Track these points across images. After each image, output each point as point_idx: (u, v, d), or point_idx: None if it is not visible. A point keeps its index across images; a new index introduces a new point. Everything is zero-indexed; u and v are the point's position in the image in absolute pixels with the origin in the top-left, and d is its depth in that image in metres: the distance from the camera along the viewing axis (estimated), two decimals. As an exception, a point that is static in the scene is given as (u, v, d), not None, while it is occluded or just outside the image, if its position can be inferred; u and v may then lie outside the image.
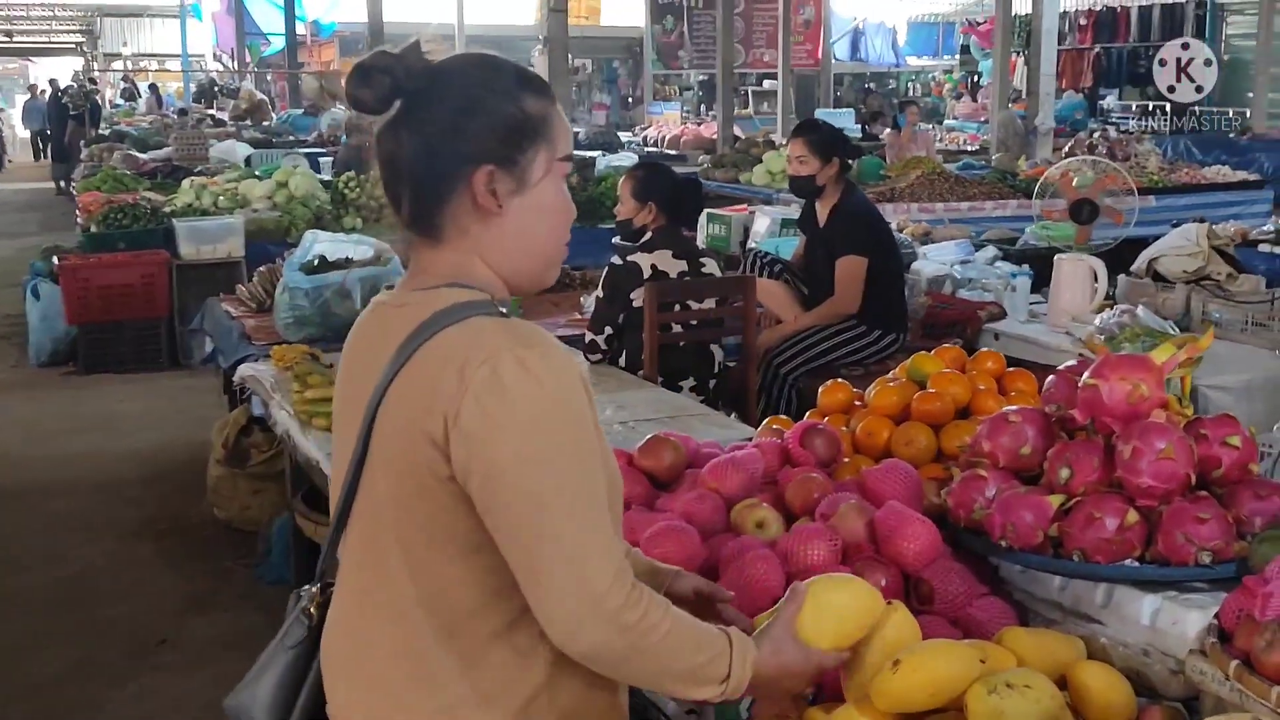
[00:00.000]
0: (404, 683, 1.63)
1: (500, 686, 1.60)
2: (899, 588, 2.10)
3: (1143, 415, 2.07)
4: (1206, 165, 12.21)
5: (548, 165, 1.65)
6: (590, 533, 1.51)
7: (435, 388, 1.52)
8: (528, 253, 1.68)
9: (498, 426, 1.49)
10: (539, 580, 1.50)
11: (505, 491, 1.50)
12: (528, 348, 1.53)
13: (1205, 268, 5.44)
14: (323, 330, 5.13)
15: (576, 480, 1.51)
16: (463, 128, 1.61)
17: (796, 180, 5.24)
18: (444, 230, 1.64)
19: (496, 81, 1.63)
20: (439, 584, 1.60)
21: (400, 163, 1.63)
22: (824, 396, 2.82)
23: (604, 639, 1.50)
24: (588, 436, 1.55)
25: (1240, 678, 1.68)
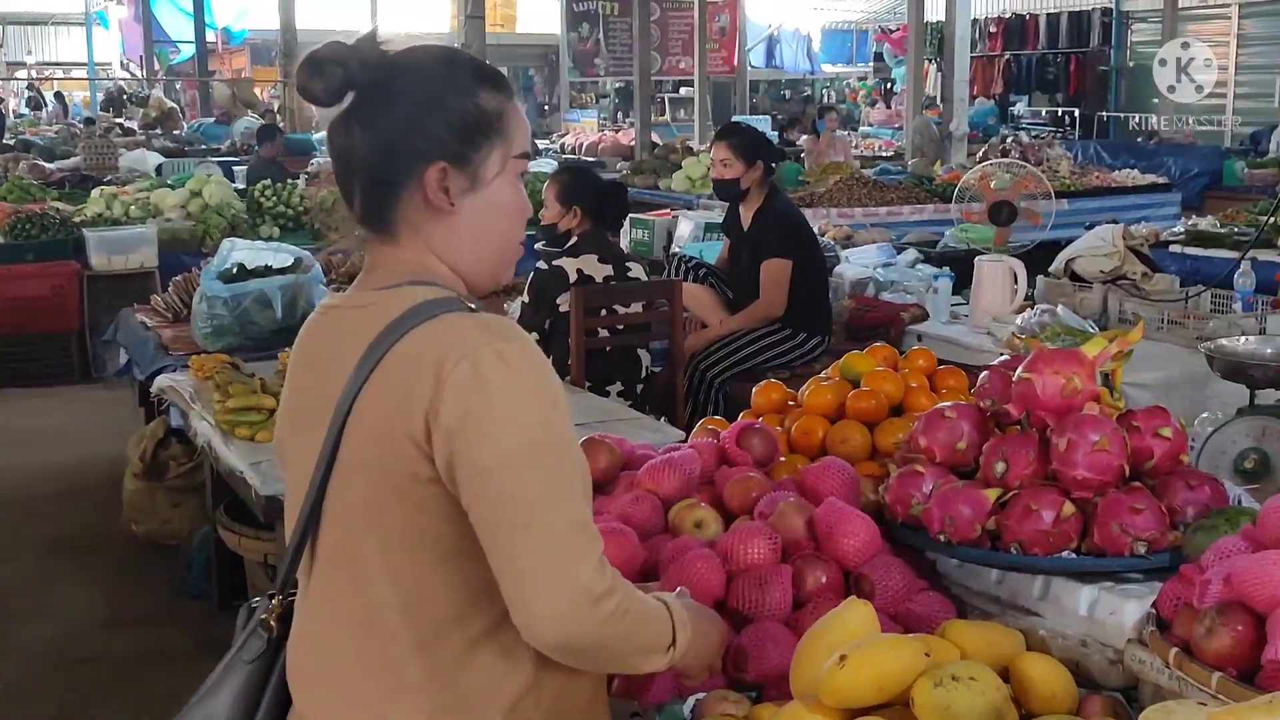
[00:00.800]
0: (382, 694, 1.59)
1: (486, 692, 1.57)
2: (839, 584, 2.10)
3: (1076, 408, 2.09)
4: (1116, 169, 12.47)
5: (502, 163, 1.62)
6: (575, 524, 1.50)
7: (412, 387, 1.50)
8: (482, 251, 1.65)
9: (480, 422, 1.47)
10: (525, 576, 1.47)
11: (491, 488, 1.47)
12: (506, 341, 1.51)
13: (1121, 268, 5.53)
14: (242, 339, 5.04)
15: (560, 473, 1.50)
16: (416, 123, 1.58)
17: (720, 184, 5.26)
18: (397, 227, 1.62)
19: (453, 76, 1.61)
20: (419, 591, 1.57)
21: (352, 157, 1.61)
22: (758, 396, 2.82)
23: (589, 630, 1.49)
24: (568, 428, 1.54)
25: (1181, 665, 1.70)
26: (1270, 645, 1.59)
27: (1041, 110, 21.84)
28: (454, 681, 1.57)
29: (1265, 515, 1.79)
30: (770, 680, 1.93)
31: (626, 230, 6.89)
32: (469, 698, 1.57)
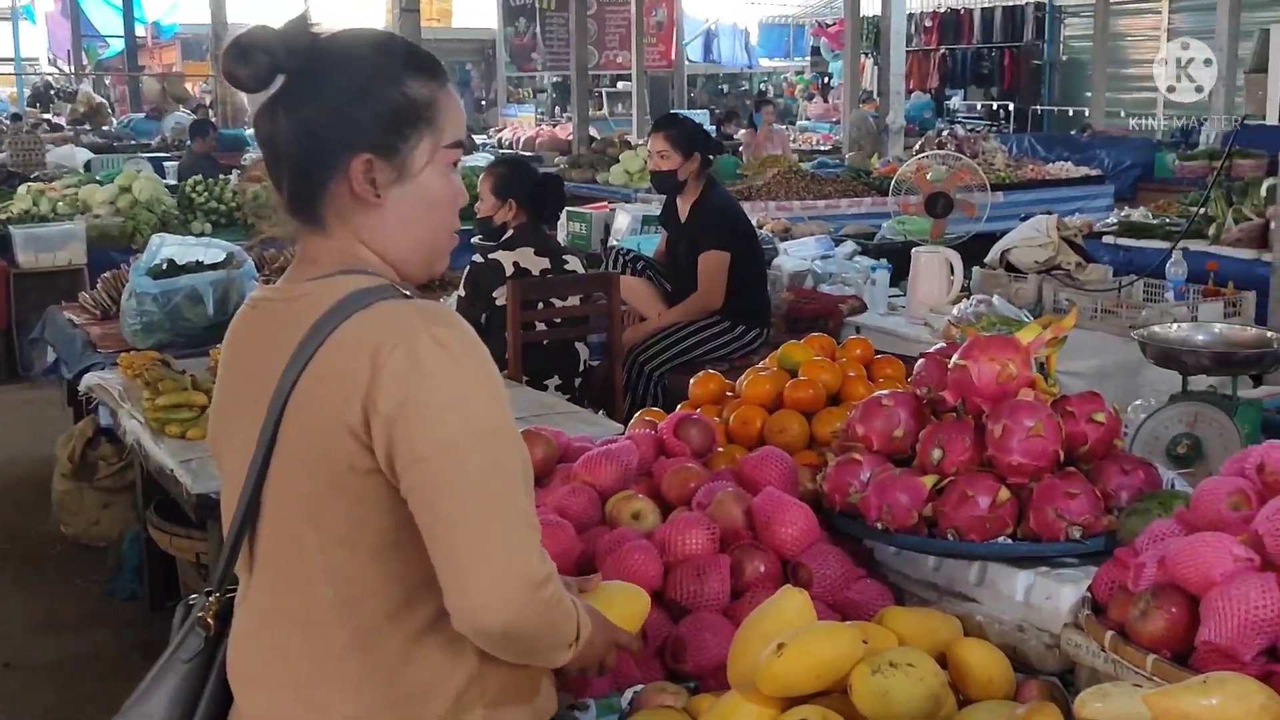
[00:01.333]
0: (324, 691, 1.57)
1: (430, 684, 1.56)
2: (777, 573, 2.09)
3: (1011, 394, 2.10)
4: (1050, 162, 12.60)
5: (432, 153, 1.58)
6: (516, 511, 1.48)
7: (349, 377, 1.47)
8: (412, 241, 1.62)
9: (419, 409, 1.44)
10: (466, 563, 1.45)
11: (430, 476, 1.45)
12: (444, 327, 1.49)
13: (1055, 258, 5.59)
14: (173, 336, 4.95)
15: (500, 460, 1.48)
16: (340, 113, 1.54)
17: (658, 175, 5.24)
18: (325, 217, 1.59)
19: (382, 63, 1.56)
20: (360, 586, 1.55)
21: (277, 146, 1.57)
22: (696, 387, 2.80)
23: (528, 617, 1.47)
24: (507, 415, 1.52)
25: (1116, 648, 1.70)
26: (1204, 627, 1.60)
27: (977, 104, 22.03)
28: (397, 675, 1.55)
29: (1198, 498, 1.80)
30: (708, 671, 1.92)
31: (563, 223, 6.86)
32: (413, 691, 1.56)
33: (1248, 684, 1.36)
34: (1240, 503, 1.75)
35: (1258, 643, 1.57)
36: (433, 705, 1.56)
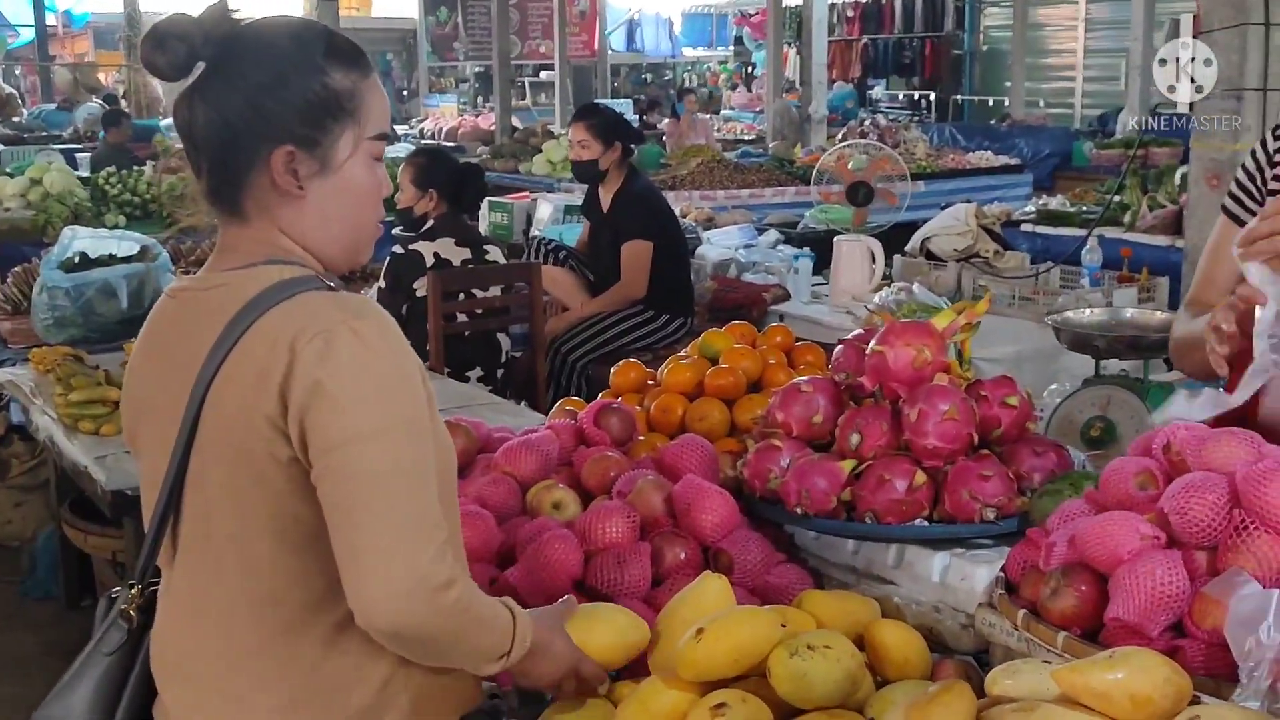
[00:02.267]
0: (247, 683, 1.57)
1: (351, 676, 1.56)
2: (698, 560, 2.09)
3: (926, 379, 2.12)
4: (970, 151, 12.76)
5: (354, 145, 1.57)
6: (418, 509, 1.47)
7: (268, 366, 1.47)
8: (335, 233, 1.61)
9: (331, 398, 1.44)
10: (360, 555, 1.45)
11: (336, 465, 1.45)
12: (361, 318, 1.48)
13: (974, 246, 5.66)
14: (86, 331, 4.86)
15: (408, 455, 1.47)
16: (260, 105, 1.52)
17: (579, 165, 5.23)
18: (246, 208, 1.58)
19: (302, 53, 1.55)
20: (275, 580, 1.55)
21: (195, 136, 1.56)
22: (616, 376, 2.80)
23: (420, 620, 1.46)
24: (421, 411, 1.51)
25: (1028, 626, 1.73)
26: (1112, 604, 1.63)
27: (899, 94, 22.23)
28: (319, 666, 1.56)
29: (1106, 478, 1.83)
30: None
31: (485, 214, 6.82)
32: (335, 683, 1.56)
33: (1152, 658, 1.39)
34: (1147, 482, 1.78)
35: (1164, 618, 1.61)
36: (354, 696, 1.56)
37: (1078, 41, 19.93)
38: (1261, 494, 1.61)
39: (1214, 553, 1.64)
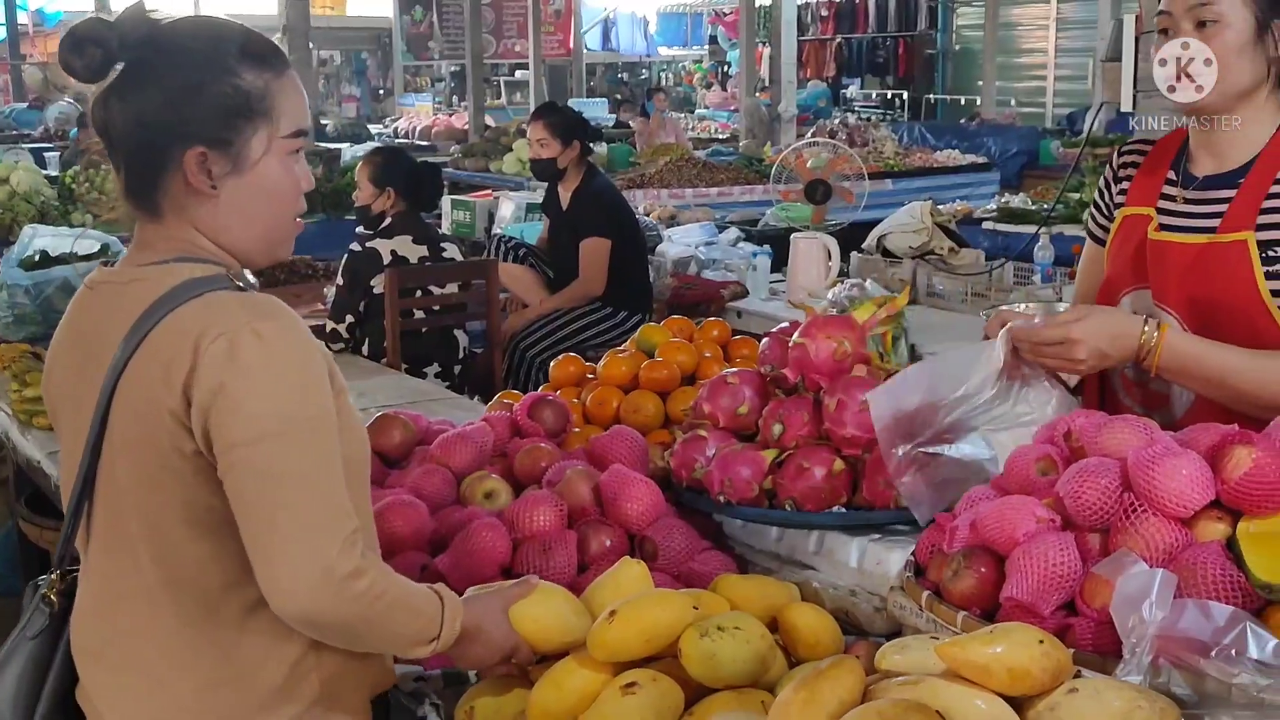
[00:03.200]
0: (161, 664, 1.62)
1: (263, 658, 1.61)
2: (623, 547, 2.15)
3: (846, 370, 2.18)
4: (939, 150, 12.85)
5: (268, 144, 1.61)
6: (323, 502, 1.52)
7: (173, 363, 1.52)
8: (250, 231, 1.65)
9: (232, 398, 1.49)
10: (269, 549, 1.50)
11: (240, 463, 1.50)
12: (265, 319, 1.53)
13: (929, 243, 5.73)
14: (45, 328, 4.87)
15: (310, 451, 1.52)
16: (171, 107, 1.57)
17: (538, 163, 5.29)
18: (161, 206, 1.62)
19: (214, 55, 1.58)
20: (188, 565, 1.59)
21: (112, 135, 1.61)
22: (556, 370, 2.86)
23: (330, 608, 1.51)
24: (323, 409, 1.55)
25: (931, 607, 1.78)
26: (1007, 584, 1.69)
27: (872, 93, 22.34)
28: (232, 649, 1.61)
29: (1009, 465, 1.89)
30: (553, 642, 1.97)
31: (447, 211, 6.87)
32: (246, 664, 1.61)
33: (1030, 633, 1.45)
34: (1048, 468, 1.84)
35: (1056, 598, 1.67)
36: (267, 677, 1.61)
37: (1049, 41, 20.06)
38: (1150, 478, 1.67)
39: (1106, 535, 1.71)
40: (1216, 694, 1.49)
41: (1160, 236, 2.18)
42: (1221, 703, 1.48)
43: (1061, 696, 1.42)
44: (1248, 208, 2.10)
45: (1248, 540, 1.62)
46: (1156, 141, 2.30)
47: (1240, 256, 2.08)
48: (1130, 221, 2.25)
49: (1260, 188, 2.10)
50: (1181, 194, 2.19)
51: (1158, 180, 2.24)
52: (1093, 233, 2.37)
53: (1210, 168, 2.17)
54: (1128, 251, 2.23)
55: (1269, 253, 2.07)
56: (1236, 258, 2.09)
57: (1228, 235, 2.10)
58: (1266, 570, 1.57)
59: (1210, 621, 1.51)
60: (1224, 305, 2.10)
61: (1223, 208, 2.13)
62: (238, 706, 1.62)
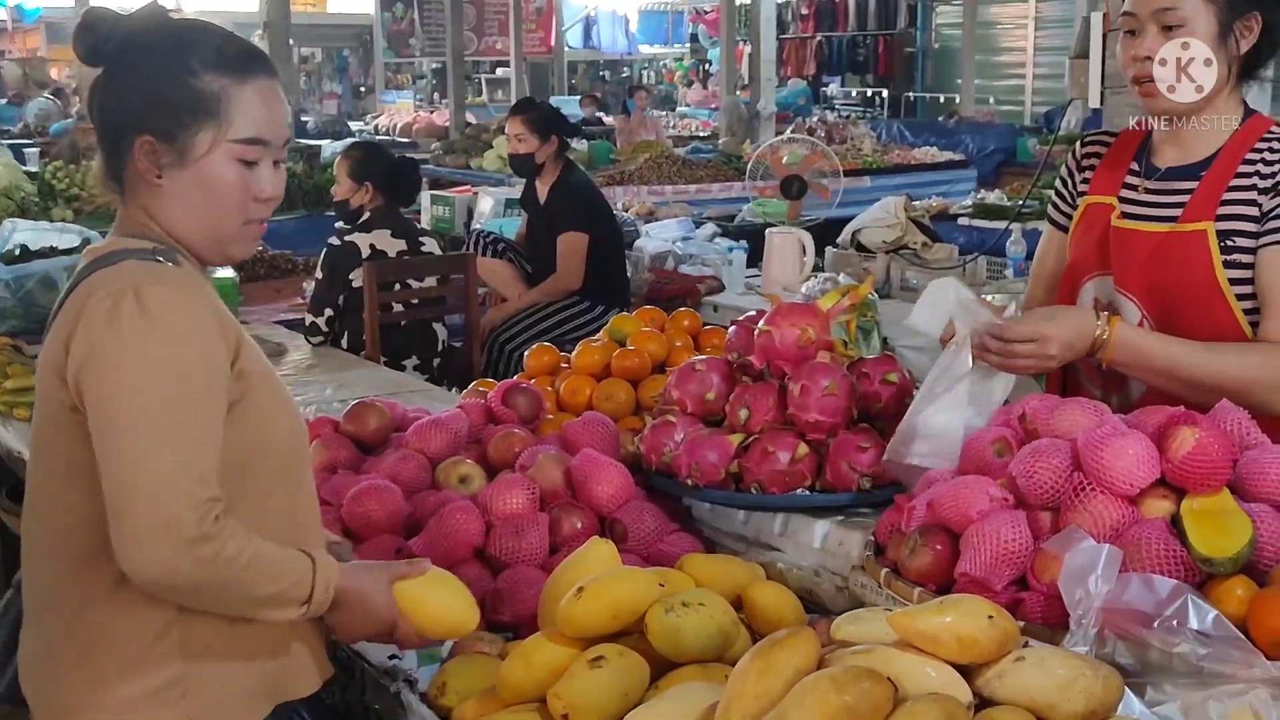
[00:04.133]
0: (51, 624, 1.70)
1: (128, 626, 1.65)
2: (594, 529, 2.20)
3: (810, 357, 2.24)
4: (918, 147, 12.94)
5: (212, 143, 1.68)
6: (180, 467, 1.54)
7: (67, 318, 1.62)
8: (192, 224, 1.72)
9: (102, 356, 1.56)
10: (117, 507, 1.54)
11: (101, 419, 1.56)
12: (153, 284, 1.60)
13: (903, 238, 5.79)
14: (26, 322, 4.88)
15: (169, 413, 1.55)
16: (131, 97, 1.69)
17: (516, 158, 5.34)
18: (125, 189, 1.73)
19: (174, 55, 1.68)
20: (74, 521, 1.65)
21: (94, 120, 1.74)
22: (530, 359, 2.91)
23: (175, 568, 1.54)
24: (195, 374, 1.59)
25: (889, 584, 1.85)
26: (961, 560, 1.75)
27: (853, 91, 22.42)
28: (103, 612, 1.66)
29: (967, 446, 1.96)
30: (524, 620, 2.02)
31: (426, 207, 6.91)
32: (114, 630, 1.65)
33: (978, 604, 1.50)
34: (1003, 449, 1.90)
35: (1008, 573, 1.73)
36: (128, 647, 1.65)
37: (1028, 40, 20.17)
38: (1099, 458, 1.73)
39: (1057, 513, 1.77)
40: (1159, 663, 1.55)
41: (1123, 224, 2.24)
42: (1163, 671, 1.55)
43: (1008, 665, 1.47)
44: (1208, 199, 2.16)
45: (1191, 517, 1.68)
46: (1120, 134, 2.36)
47: (1200, 246, 2.15)
48: (1093, 209, 2.31)
49: (1221, 180, 2.16)
50: (1143, 184, 2.25)
51: (1120, 172, 2.30)
52: (1054, 219, 2.43)
53: (1173, 159, 2.24)
54: (1091, 238, 2.29)
55: (1227, 242, 2.14)
56: (1196, 247, 2.15)
57: (1188, 225, 2.17)
58: (1208, 545, 1.63)
59: (1154, 594, 1.57)
60: (1183, 293, 2.17)
61: (1184, 198, 2.19)
62: (94, 673, 1.66)
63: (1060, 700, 1.45)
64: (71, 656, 1.67)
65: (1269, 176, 2.14)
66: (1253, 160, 2.16)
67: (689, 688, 1.63)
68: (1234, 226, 2.14)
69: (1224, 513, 1.68)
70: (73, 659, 1.67)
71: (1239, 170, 2.16)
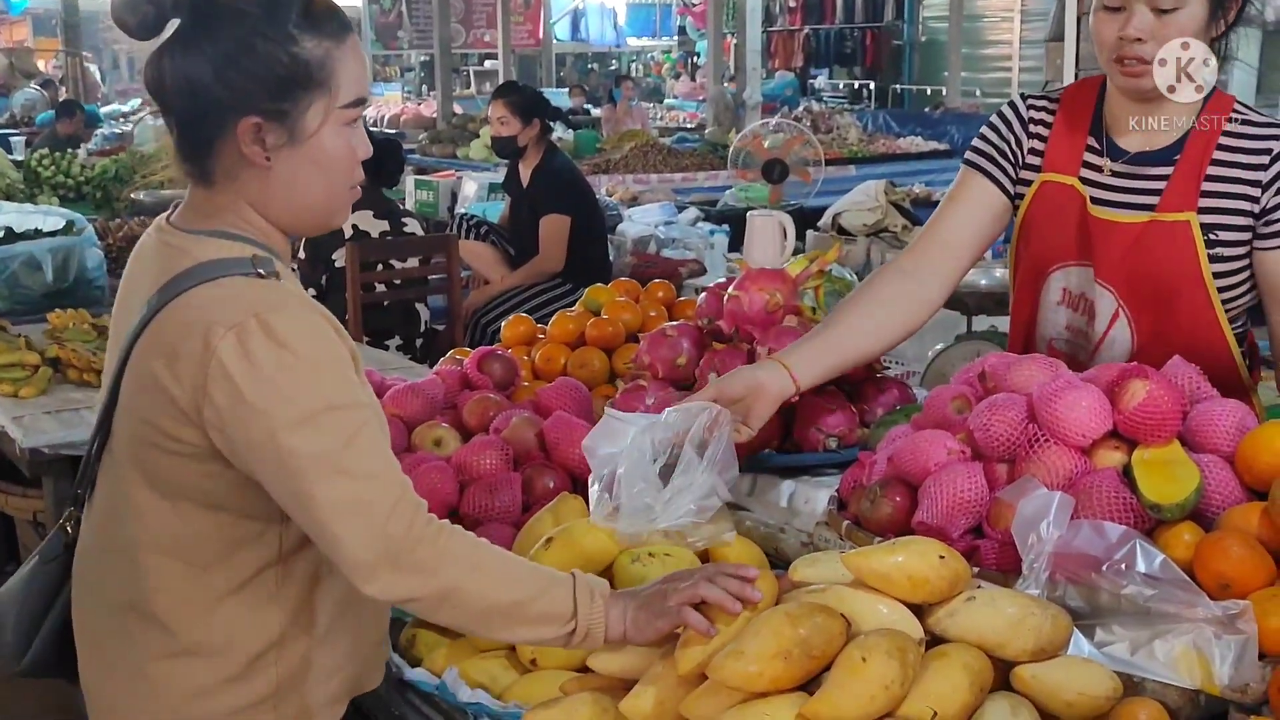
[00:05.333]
0: (136, 624, 1.62)
1: (225, 640, 1.60)
2: (567, 488, 2.23)
3: (777, 321, 2.28)
4: (903, 137, 13.00)
5: (325, 115, 1.54)
6: (361, 478, 1.48)
7: (180, 352, 1.49)
8: (302, 203, 1.60)
9: (250, 399, 1.45)
10: (327, 539, 1.48)
11: (269, 462, 1.47)
12: (273, 311, 1.48)
13: (883, 221, 5.86)
14: (11, 303, 4.92)
15: (338, 435, 1.48)
16: (226, 73, 1.49)
17: (499, 141, 5.39)
18: (213, 174, 1.57)
19: (271, 21, 1.50)
20: (170, 536, 1.58)
21: (166, 97, 1.54)
22: (506, 330, 2.96)
23: (400, 579, 1.49)
24: (346, 388, 1.51)
25: (850, 535, 1.89)
26: (919, 510, 1.80)
27: (840, 83, 22.47)
28: (197, 626, 1.60)
29: (928, 404, 2.01)
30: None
31: (411, 191, 6.95)
32: (207, 643, 1.60)
33: (929, 545, 1.55)
34: (962, 406, 1.94)
35: (964, 522, 1.78)
36: (220, 661, 1.61)
37: (1013, 33, 20.24)
38: (1052, 410, 1.78)
39: (1013, 465, 1.82)
40: (1108, 605, 1.60)
41: (1101, 214, 2.16)
42: (1112, 613, 1.60)
43: (960, 604, 1.52)
44: (1187, 187, 2.11)
45: (1141, 466, 1.73)
46: (1061, 98, 2.28)
47: (1184, 237, 2.10)
48: (1053, 190, 2.21)
49: (1198, 166, 2.11)
50: (1109, 166, 2.17)
51: (1077, 146, 2.20)
52: (989, 172, 2.27)
53: (1140, 143, 2.17)
54: (1060, 227, 2.21)
55: (1210, 236, 2.09)
56: (1181, 238, 2.10)
57: (1169, 215, 2.11)
58: (1157, 493, 1.68)
59: (1103, 540, 1.61)
60: (1165, 284, 2.12)
61: (1160, 184, 2.13)
62: (188, 685, 1.62)
63: (1010, 638, 1.49)
64: (163, 667, 1.61)
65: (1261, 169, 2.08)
66: (1231, 148, 2.10)
67: (650, 629, 1.67)
68: (1218, 220, 2.10)
69: (1173, 462, 1.72)
70: (164, 670, 1.61)
71: (1216, 158, 2.10)
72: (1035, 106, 2.29)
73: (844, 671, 1.39)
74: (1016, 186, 2.27)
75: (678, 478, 1.77)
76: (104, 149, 9.84)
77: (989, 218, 2.28)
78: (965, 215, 2.29)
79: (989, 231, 2.31)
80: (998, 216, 2.29)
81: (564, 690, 1.62)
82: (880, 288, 2.22)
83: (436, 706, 1.76)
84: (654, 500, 1.76)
